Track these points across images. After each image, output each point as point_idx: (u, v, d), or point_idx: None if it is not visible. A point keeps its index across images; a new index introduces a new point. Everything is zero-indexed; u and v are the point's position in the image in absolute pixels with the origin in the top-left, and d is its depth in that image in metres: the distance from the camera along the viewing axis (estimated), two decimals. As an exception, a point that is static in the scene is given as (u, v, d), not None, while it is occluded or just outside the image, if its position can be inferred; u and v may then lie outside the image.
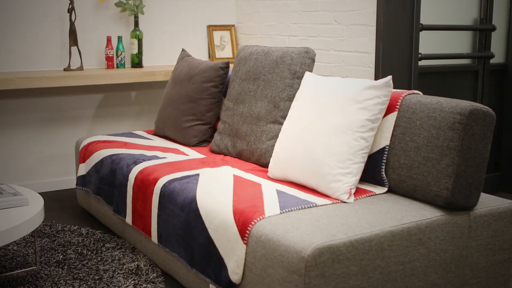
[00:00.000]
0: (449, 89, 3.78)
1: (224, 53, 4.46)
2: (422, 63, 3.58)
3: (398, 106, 2.28)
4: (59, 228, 3.19)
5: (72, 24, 3.77)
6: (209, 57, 4.45)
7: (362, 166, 2.24)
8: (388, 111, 2.29)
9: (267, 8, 4.23)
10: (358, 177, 2.22)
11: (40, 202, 2.49)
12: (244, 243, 2.00)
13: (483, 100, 3.90)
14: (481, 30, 3.86)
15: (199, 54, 4.42)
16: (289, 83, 2.72)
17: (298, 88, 2.70)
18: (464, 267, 2.15)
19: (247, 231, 2.00)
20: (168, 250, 2.49)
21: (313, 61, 2.74)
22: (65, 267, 2.68)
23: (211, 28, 4.44)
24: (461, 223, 2.11)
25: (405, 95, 2.31)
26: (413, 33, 3.38)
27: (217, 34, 4.46)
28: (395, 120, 2.28)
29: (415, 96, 2.29)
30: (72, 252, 2.84)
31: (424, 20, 3.54)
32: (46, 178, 4.02)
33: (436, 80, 3.73)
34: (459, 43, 3.86)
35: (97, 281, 2.52)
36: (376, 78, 3.36)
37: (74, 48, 3.89)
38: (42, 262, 2.73)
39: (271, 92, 2.77)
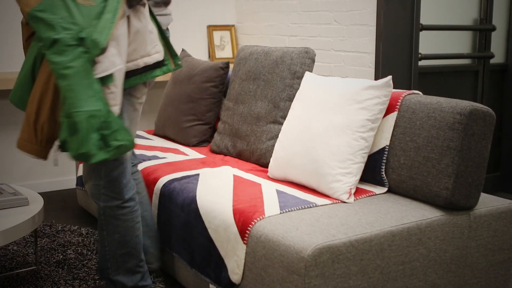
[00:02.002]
0: (449, 89, 3.78)
1: (224, 53, 4.46)
2: (422, 63, 3.58)
3: (398, 106, 2.28)
4: (59, 228, 3.19)
5: (72, 24, 3.77)
6: (209, 57, 4.45)
7: (362, 166, 2.24)
8: (388, 111, 2.29)
9: (267, 8, 4.23)
10: (358, 177, 2.22)
11: (40, 202, 2.49)
12: (244, 243, 2.00)
13: (483, 100, 3.90)
14: (481, 30, 3.86)
15: (199, 54, 4.42)
16: (289, 83, 2.72)
17: (298, 88, 2.70)
18: (464, 267, 2.15)
19: (247, 231, 2.00)
20: (168, 250, 2.49)
21: (313, 61, 2.74)
22: (65, 267, 2.68)
23: (211, 28, 4.44)
24: (461, 223, 2.11)
25: (405, 95, 2.31)
26: (413, 33, 3.38)
27: (217, 34, 4.46)
28: (395, 120, 2.28)
29: (415, 96, 2.29)
30: (72, 252, 2.84)
31: (424, 20, 3.54)
32: (46, 178, 4.02)
33: (436, 80, 3.73)
34: (459, 43, 3.86)
35: (97, 281, 2.52)
36: (376, 78, 3.36)
37: (74, 48, 3.89)
38: (42, 262, 2.73)
39: (271, 92, 2.77)
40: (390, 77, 2.26)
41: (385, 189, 2.30)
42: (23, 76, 2.03)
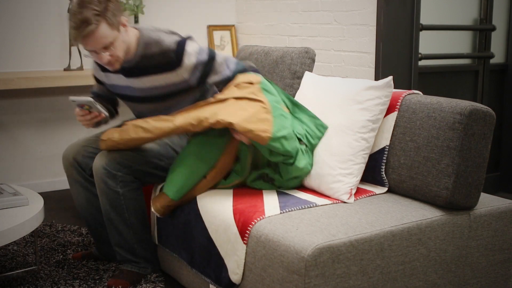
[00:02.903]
0: (449, 89, 3.78)
1: (224, 53, 4.46)
2: (422, 63, 3.58)
3: (398, 106, 2.28)
4: (59, 228, 3.19)
5: (72, 24, 3.77)
6: (209, 57, 4.45)
7: (363, 166, 2.24)
8: (388, 111, 2.29)
9: (267, 8, 4.23)
10: (359, 177, 2.22)
11: (40, 202, 2.48)
12: (244, 243, 2.00)
13: (483, 100, 3.90)
14: (481, 30, 3.86)
15: (199, 54, 4.41)
16: (289, 83, 2.71)
17: (298, 88, 2.70)
18: (464, 267, 2.15)
19: (247, 231, 2.00)
20: (168, 250, 2.48)
21: (313, 61, 2.74)
22: (65, 267, 2.67)
23: (211, 28, 4.44)
24: (461, 223, 2.11)
25: (405, 95, 2.31)
26: (413, 33, 3.38)
27: (217, 34, 4.46)
28: (395, 120, 2.27)
29: (415, 96, 2.29)
30: (72, 252, 2.84)
31: (424, 20, 3.54)
32: (46, 178, 4.02)
33: (436, 80, 3.73)
34: (459, 43, 3.86)
35: (97, 281, 2.52)
36: (376, 78, 3.36)
37: (74, 48, 3.89)
38: (42, 262, 2.73)
39: (271, 92, 2.76)
40: (391, 77, 2.25)
41: (385, 189, 2.30)
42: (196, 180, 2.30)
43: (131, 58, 2.38)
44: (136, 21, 4.04)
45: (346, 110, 2.26)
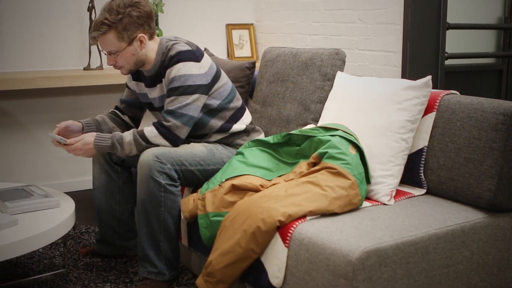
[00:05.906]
0: (473, 88, 3.75)
1: (243, 52, 4.42)
2: (447, 62, 3.54)
3: (436, 107, 2.24)
4: (83, 230, 3.16)
5: (92, 23, 3.74)
6: (228, 56, 4.41)
7: (402, 168, 2.20)
8: (426, 111, 2.25)
9: (287, 7, 4.19)
10: (399, 179, 2.19)
11: (70, 204, 2.44)
12: (286, 246, 1.96)
13: (507, 99, 3.87)
14: (506, 29, 3.82)
15: (218, 52, 4.38)
16: (320, 85, 2.67)
17: (329, 90, 2.65)
18: (506, 269, 2.11)
19: (289, 234, 1.96)
20: (199, 253, 2.45)
21: (344, 62, 2.69)
22: (94, 269, 2.64)
23: (230, 27, 4.40)
24: (504, 225, 2.08)
25: (444, 95, 2.27)
26: (439, 32, 3.34)
27: (235, 33, 4.42)
28: (433, 121, 2.24)
29: (454, 96, 2.25)
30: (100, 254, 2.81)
31: (448, 18, 3.50)
32: (66, 178, 3.99)
33: (460, 79, 3.69)
34: (483, 42, 3.82)
35: (128, 284, 2.49)
36: (403, 77, 3.32)
37: (93, 47, 3.86)
38: (70, 264, 2.70)
39: (300, 94, 2.72)
40: (429, 77, 2.22)
41: (424, 191, 2.26)
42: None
43: (151, 68, 2.49)
44: (156, 20, 4.00)
45: (384, 110, 2.23)
